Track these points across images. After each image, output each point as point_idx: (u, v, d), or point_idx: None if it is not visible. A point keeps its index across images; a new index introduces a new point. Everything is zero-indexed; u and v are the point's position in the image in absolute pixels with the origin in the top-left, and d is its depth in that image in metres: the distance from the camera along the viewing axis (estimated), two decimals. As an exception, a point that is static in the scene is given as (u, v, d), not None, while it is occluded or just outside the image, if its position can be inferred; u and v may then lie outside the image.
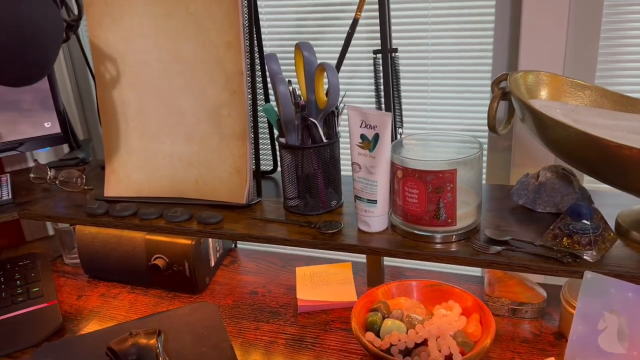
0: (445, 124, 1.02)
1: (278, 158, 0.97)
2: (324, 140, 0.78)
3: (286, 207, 0.84)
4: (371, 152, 0.72)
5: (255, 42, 0.85)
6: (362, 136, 0.72)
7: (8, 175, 1.04)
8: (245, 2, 0.81)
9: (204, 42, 0.82)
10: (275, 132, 0.83)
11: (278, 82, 0.71)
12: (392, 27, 0.89)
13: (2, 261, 0.94)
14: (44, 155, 1.18)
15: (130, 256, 0.88)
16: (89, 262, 0.92)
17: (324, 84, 0.75)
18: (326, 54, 1.04)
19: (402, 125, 0.87)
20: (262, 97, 0.92)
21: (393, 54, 0.86)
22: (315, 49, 0.75)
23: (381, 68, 0.86)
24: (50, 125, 0.99)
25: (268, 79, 0.83)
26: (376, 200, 0.73)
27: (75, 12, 0.68)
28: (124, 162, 0.91)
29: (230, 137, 0.84)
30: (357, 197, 0.75)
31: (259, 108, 0.86)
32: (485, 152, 1.02)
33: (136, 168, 0.91)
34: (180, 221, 0.82)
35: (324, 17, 1.02)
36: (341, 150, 0.82)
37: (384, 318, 0.73)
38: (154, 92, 0.87)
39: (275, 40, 1.07)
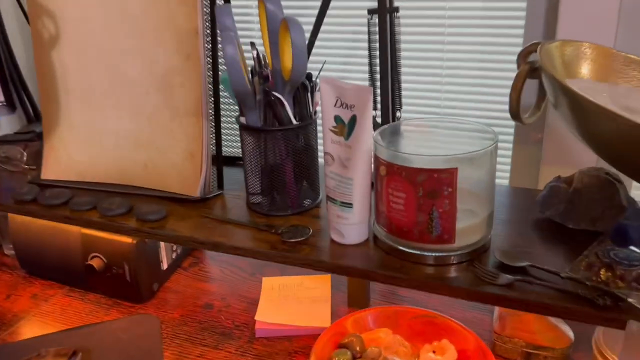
0: (463, 108, 0.84)
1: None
2: (294, 121, 0.61)
3: (249, 204, 0.67)
4: (347, 140, 0.54)
5: (216, -7, 0.68)
6: (337, 118, 0.55)
7: (-51, 148, 0.90)
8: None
9: (153, -7, 0.65)
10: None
11: (225, 41, 0.54)
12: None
13: None
14: (6, 126, 1.04)
15: (65, 253, 0.74)
16: (24, 256, 0.78)
17: (290, 48, 0.57)
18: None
19: (401, 108, 0.69)
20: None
21: (393, 15, 0.67)
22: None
23: (377, 34, 0.68)
24: (-10, 92, 0.84)
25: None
26: (352, 204, 0.55)
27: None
28: (64, 139, 0.76)
29: (183, 112, 0.68)
30: (329, 198, 0.58)
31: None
32: (510, 146, 0.83)
33: (78, 146, 0.75)
34: (115, 215, 0.66)
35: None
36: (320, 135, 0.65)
37: (354, 358, 0.56)
38: (97, 54, 0.71)
39: None
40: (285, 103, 0.60)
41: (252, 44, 0.62)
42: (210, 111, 0.68)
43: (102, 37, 0.70)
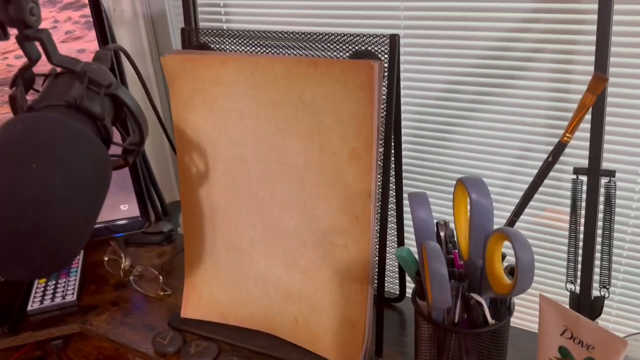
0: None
1: (408, 283, 0.71)
2: (490, 321, 0.51)
3: (417, 388, 0.58)
4: (577, 382, 0.43)
5: (393, 152, 0.59)
6: (563, 350, 0.44)
7: (82, 252, 0.88)
8: (385, 96, 0.55)
9: (320, 146, 0.58)
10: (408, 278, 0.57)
11: (431, 254, 0.45)
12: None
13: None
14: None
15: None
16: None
17: (501, 257, 0.47)
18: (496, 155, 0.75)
19: (609, 287, 0.57)
20: (392, 225, 0.66)
21: (609, 179, 0.55)
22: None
23: (584, 198, 0.56)
24: (127, 208, 0.80)
25: (406, 207, 0.56)
26: None
27: (137, 133, 0.46)
28: (208, 278, 0.70)
29: (345, 276, 0.60)
30: None
31: (392, 247, 0.60)
32: None
33: (222, 287, 0.70)
34: (269, 392, 0.59)
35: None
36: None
37: None
38: (249, 198, 0.64)
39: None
40: (485, 306, 0.49)
41: (441, 225, 0.52)
42: (374, 277, 0.59)
43: (256, 181, 0.63)
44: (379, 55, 0.56)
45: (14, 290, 0.78)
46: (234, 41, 0.65)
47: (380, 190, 0.57)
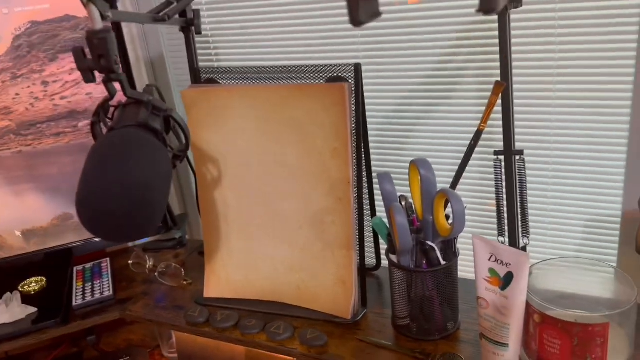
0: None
1: (382, 255, 0.91)
2: (442, 262, 0.70)
3: (395, 325, 0.77)
4: (503, 290, 0.63)
5: (363, 149, 0.79)
6: (491, 270, 0.64)
7: (108, 259, 1.04)
8: (353, 107, 0.75)
9: (308, 149, 0.77)
10: (381, 240, 0.76)
11: (395, 211, 0.64)
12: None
13: (104, 356, 0.94)
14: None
15: (229, 366, 0.85)
16: (187, 363, 0.90)
17: (444, 211, 0.67)
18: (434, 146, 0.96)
19: (529, 235, 0.78)
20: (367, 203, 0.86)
21: (518, 157, 0.76)
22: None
23: (503, 173, 0.77)
24: (150, 216, 0.97)
25: (376, 187, 0.76)
26: (507, 344, 0.64)
27: (183, 140, 0.64)
28: (224, 263, 0.88)
29: (334, 245, 0.79)
30: (484, 337, 0.66)
31: (367, 219, 0.80)
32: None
33: (236, 269, 0.87)
34: (282, 339, 0.77)
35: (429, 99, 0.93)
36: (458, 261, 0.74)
37: None
38: (255, 194, 0.83)
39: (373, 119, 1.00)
40: (437, 250, 0.69)
41: (402, 197, 0.72)
42: (357, 244, 0.78)
43: (260, 180, 0.82)
44: (347, 79, 0.77)
45: (57, 292, 0.93)
46: (235, 76, 0.85)
47: (356, 177, 0.77)
